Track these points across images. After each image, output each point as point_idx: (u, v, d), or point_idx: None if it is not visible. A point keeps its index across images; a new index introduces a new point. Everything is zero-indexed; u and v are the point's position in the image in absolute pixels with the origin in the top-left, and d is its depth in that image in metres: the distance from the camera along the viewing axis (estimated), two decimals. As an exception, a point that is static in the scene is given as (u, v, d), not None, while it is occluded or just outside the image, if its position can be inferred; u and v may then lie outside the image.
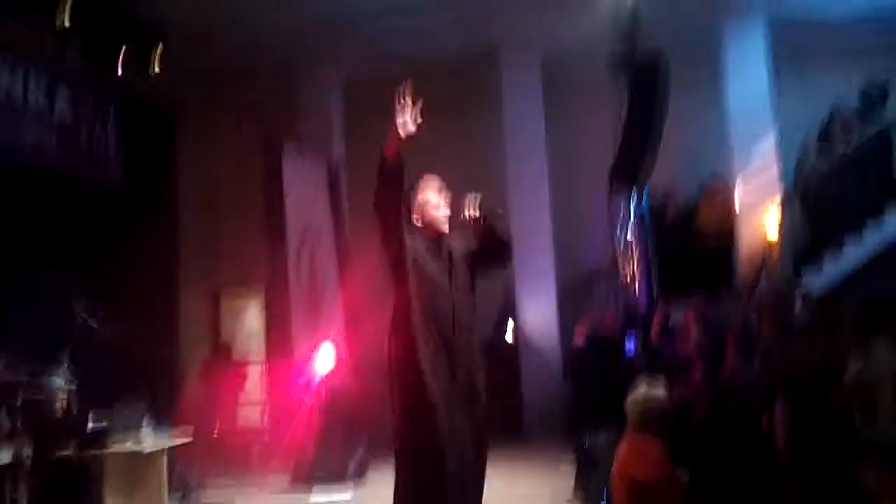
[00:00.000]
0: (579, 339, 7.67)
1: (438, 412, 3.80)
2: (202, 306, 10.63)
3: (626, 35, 8.64)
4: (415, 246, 3.98)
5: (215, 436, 8.32)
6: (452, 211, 4.07)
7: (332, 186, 10.27)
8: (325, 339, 8.21)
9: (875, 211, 8.32)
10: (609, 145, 8.86)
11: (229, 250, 10.53)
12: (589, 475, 5.85)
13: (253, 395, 9.49)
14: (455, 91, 10.13)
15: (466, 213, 4.00)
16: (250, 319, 10.59)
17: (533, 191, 9.43)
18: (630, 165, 8.47)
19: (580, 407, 6.95)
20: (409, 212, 4.07)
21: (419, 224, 4.06)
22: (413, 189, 4.10)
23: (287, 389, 8.06)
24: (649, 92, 8.44)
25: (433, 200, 4.09)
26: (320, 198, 10.07)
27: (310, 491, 7.10)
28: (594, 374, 7.00)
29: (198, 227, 10.03)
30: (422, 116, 3.79)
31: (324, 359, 8.07)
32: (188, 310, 9.54)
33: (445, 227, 4.07)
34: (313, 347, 8.15)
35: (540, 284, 9.57)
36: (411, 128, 3.75)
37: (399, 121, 3.75)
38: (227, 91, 10.21)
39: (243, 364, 9.79)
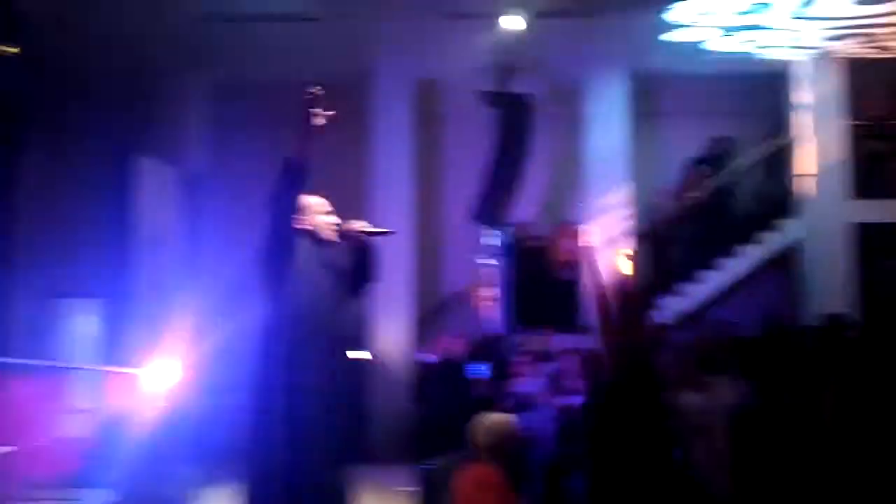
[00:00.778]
0: (428, 360, 7.69)
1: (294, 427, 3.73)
2: (37, 313, 9.96)
3: (500, 74, 8.92)
4: (300, 252, 3.88)
5: (38, 445, 7.74)
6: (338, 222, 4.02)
7: (189, 197, 9.94)
8: (169, 352, 7.83)
9: (714, 254, 8.93)
10: (475, 178, 9.05)
11: (71, 258, 9.93)
12: (432, 499, 5.83)
13: (84, 404, 8.91)
14: (328, 108, 10.03)
15: (354, 226, 3.94)
16: (86, 327, 10.00)
17: (397, 215, 9.44)
18: (494, 199, 8.70)
19: (426, 430, 6.94)
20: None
21: (305, 228, 3.95)
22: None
23: (121, 401, 7.62)
24: (517, 131, 8.74)
25: (321, 206, 4.01)
26: (174, 208, 9.72)
27: None
28: (441, 397, 7.01)
29: (38, 234, 9.43)
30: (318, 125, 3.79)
31: (164, 373, 7.67)
32: (21, 316, 8.93)
33: (333, 236, 3.98)
34: (154, 360, 7.76)
35: (398, 309, 9.55)
36: (321, 122, 3.72)
37: (310, 121, 3.71)
38: (80, 90, 9.68)
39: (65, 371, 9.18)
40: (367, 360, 9.61)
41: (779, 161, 9.57)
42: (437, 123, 10.72)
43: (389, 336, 9.41)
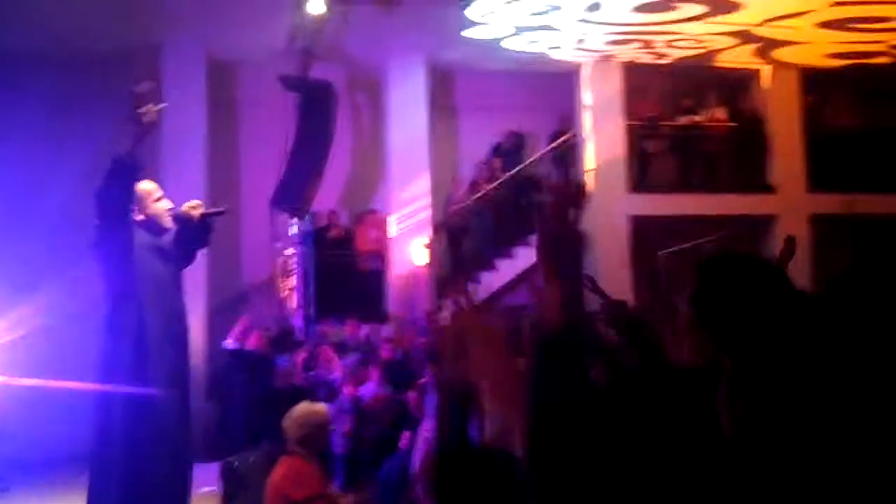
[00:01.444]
0: (228, 351, 7.43)
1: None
2: None
3: (301, 59, 8.74)
4: (138, 243, 3.79)
5: None
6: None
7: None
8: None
9: (508, 243, 9.32)
10: (274, 164, 8.82)
11: None
12: (238, 497, 5.64)
13: None
14: (114, 81, 9.36)
15: (188, 208, 3.94)
16: None
17: (188, 199, 8.99)
18: (294, 186, 8.53)
19: (226, 425, 6.71)
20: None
21: (140, 218, 3.86)
22: None
23: None
24: (318, 117, 8.61)
25: (155, 192, 3.92)
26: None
27: None
28: (243, 391, 6.81)
29: None
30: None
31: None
32: None
33: (169, 222, 3.92)
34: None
35: (190, 302, 9.11)
36: (152, 119, 3.60)
37: (140, 119, 3.60)
38: None
39: None
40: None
41: (567, 156, 10.13)
42: (232, 106, 10.34)
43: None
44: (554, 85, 10.06)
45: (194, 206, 4.00)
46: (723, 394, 1.44)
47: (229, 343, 7.43)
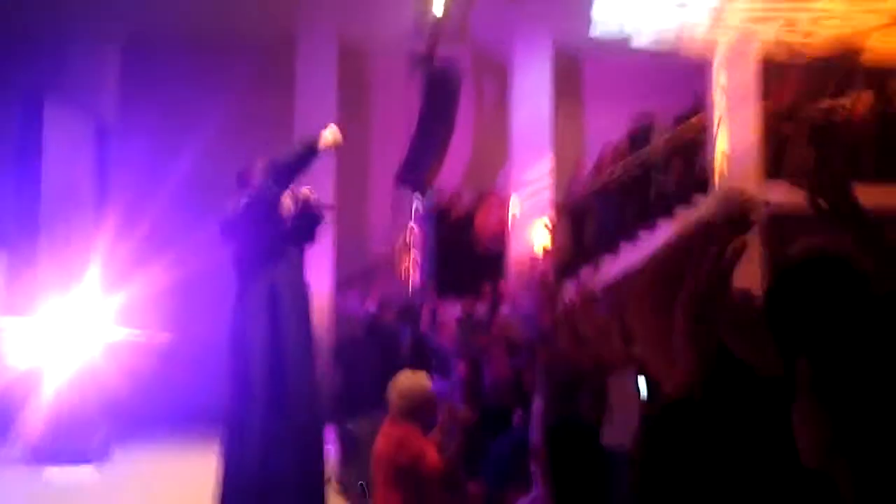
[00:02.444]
0: (353, 320, 7.69)
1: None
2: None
3: (428, 38, 8.87)
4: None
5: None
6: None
7: (100, 148, 9.61)
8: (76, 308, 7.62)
9: (632, 227, 9.15)
10: (400, 142, 9.01)
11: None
12: (352, 460, 5.86)
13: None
14: (249, 70, 9.84)
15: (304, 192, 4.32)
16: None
17: (319, 180, 9.32)
18: (418, 165, 8.68)
19: (348, 391, 6.94)
20: None
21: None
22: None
23: (33, 353, 7.38)
24: (444, 98, 8.72)
25: None
26: (84, 159, 9.37)
27: (47, 465, 6.55)
28: (365, 358, 7.02)
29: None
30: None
31: (77, 325, 7.48)
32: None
33: (291, 205, 4.29)
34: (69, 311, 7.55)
35: (317, 274, 9.48)
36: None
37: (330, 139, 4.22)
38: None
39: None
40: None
41: (697, 140, 9.84)
42: (362, 88, 10.62)
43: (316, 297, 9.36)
44: (685, 68, 9.77)
45: (307, 191, 4.27)
46: (803, 410, 1.18)
47: (366, 308, 7.70)
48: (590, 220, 9.71)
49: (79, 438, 6.81)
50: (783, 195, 9.58)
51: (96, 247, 8.75)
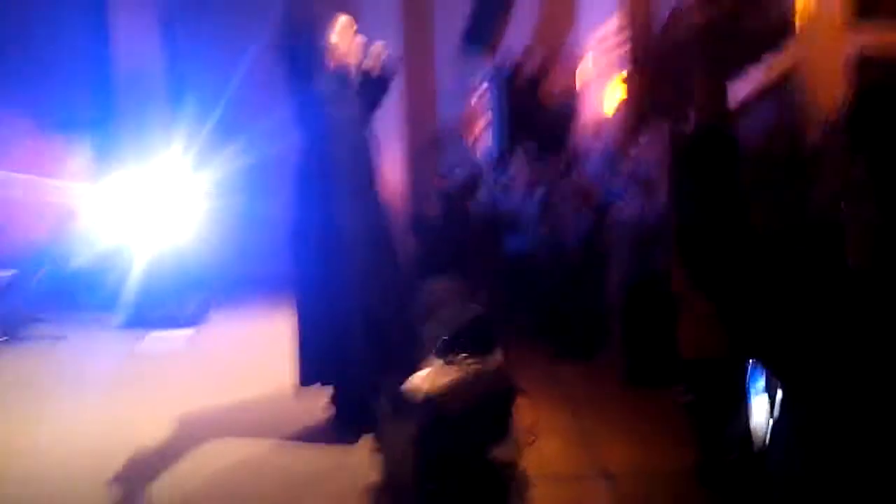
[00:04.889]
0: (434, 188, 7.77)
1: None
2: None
3: None
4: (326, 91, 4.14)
5: (42, 272, 7.93)
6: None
7: (167, 34, 9.67)
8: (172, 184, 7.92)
9: (719, 76, 8.71)
10: (464, 4, 8.75)
11: (50, 92, 9.71)
12: (431, 319, 6.04)
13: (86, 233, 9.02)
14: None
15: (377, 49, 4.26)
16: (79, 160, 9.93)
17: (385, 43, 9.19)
18: (483, 24, 8.44)
19: (425, 256, 7.10)
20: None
21: (339, 59, 4.19)
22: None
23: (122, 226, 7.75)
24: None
25: (350, 27, 4.26)
26: (154, 43, 9.46)
27: (146, 329, 6.98)
28: (439, 226, 7.14)
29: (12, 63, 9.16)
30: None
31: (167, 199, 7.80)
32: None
33: (359, 58, 4.26)
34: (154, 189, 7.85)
35: (388, 144, 9.50)
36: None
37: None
38: None
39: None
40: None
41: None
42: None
43: (383, 173, 9.42)
44: None
45: (378, 52, 4.13)
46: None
47: (438, 182, 7.76)
48: (668, 73, 9.34)
49: (175, 304, 7.20)
50: (874, 37, 8.99)
51: (174, 127, 8.97)
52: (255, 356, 6.11)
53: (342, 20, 4.17)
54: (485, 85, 8.78)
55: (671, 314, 4.52)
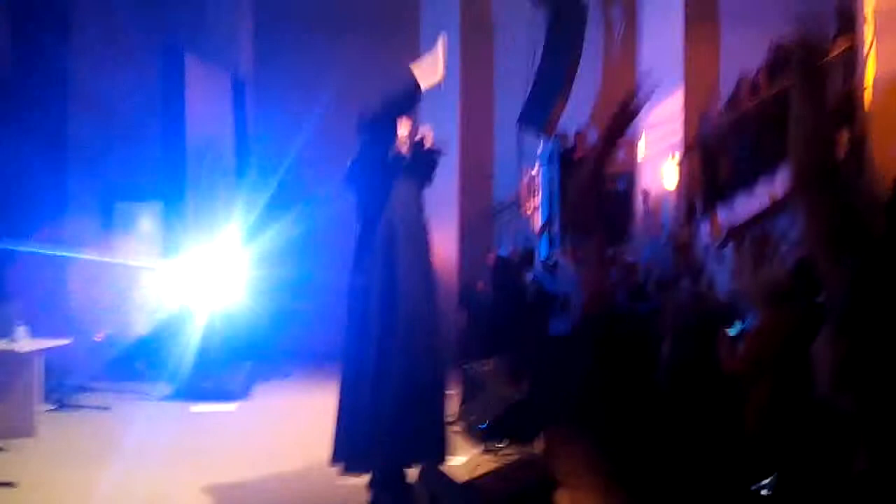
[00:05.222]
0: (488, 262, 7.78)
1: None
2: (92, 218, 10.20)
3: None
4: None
5: (98, 340, 8.10)
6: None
7: (237, 102, 9.97)
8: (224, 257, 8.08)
9: (768, 166, 8.66)
10: (524, 84, 8.88)
11: (124, 159, 10.08)
12: (472, 400, 5.96)
13: (144, 302, 9.22)
14: (373, 13, 9.92)
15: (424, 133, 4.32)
16: (145, 228, 10.21)
17: (443, 122, 9.36)
18: (540, 105, 8.54)
19: (473, 335, 7.05)
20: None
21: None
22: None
23: (182, 297, 7.90)
24: (568, 35, 8.49)
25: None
26: (224, 112, 9.76)
27: (193, 402, 7.02)
28: (491, 303, 7.10)
29: (89, 131, 9.54)
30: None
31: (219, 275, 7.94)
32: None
33: (410, 143, 4.33)
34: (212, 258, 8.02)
35: (443, 215, 9.59)
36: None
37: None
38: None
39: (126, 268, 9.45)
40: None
41: (840, 69, 9.13)
42: (486, 30, 10.48)
43: (436, 244, 9.50)
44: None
45: (427, 134, 4.25)
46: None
47: (491, 253, 7.77)
48: (724, 157, 9.27)
49: (223, 377, 7.25)
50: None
51: (239, 195, 9.19)
52: (299, 431, 6.09)
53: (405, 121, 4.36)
54: (540, 163, 8.84)
55: (723, 400, 4.36)
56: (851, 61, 8.95)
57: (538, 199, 8.87)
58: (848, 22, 9.05)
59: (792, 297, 4.92)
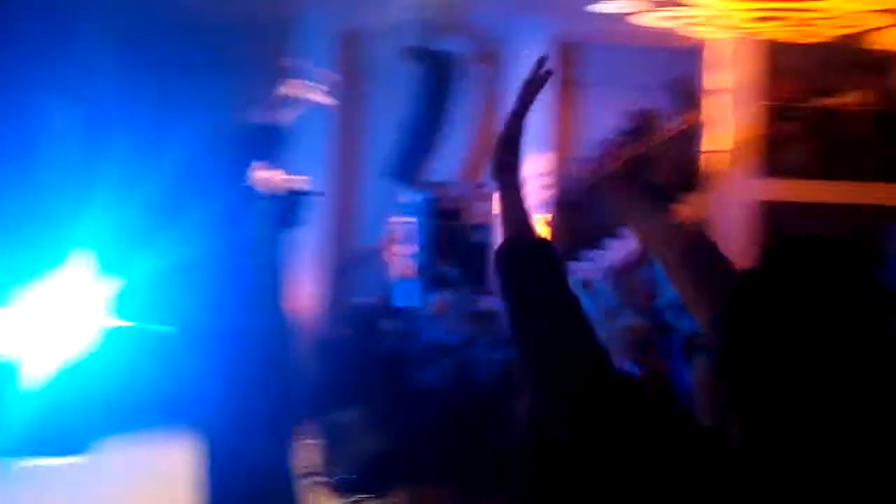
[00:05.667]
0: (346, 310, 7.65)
1: None
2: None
3: (425, 30, 8.77)
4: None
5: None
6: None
7: (95, 138, 9.57)
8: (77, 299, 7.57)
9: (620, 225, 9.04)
10: (395, 135, 8.92)
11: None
12: (334, 451, 5.80)
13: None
14: (243, 55, 9.74)
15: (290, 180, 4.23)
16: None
17: (312, 168, 9.21)
18: (411, 157, 8.61)
19: (332, 385, 6.89)
20: None
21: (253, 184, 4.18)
22: None
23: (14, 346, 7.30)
24: (439, 89, 8.64)
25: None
26: (79, 149, 9.33)
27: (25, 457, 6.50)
28: (350, 353, 6.97)
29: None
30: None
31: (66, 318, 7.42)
32: None
33: (271, 187, 4.21)
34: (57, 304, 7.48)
35: (308, 265, 9.41)
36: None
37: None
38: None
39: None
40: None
41: (691, 136, 9.75)
42: (358, 77, 10.51)
43: (300, 294, 9.27)
44: (686, 62, 9.68)
45: (295, 179, 4.21)
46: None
47: (351, 302, 7.65)
48: (583, 215, 9.63)
49: (63, 430, 6.75)
50: (781, 192, 9.54)
51: (89, 237, 8.68)
52: (150, 489, 5.73)
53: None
54: (406, 215, 8.86)
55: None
56: (696, 132, 9.61)
57: (404, 248, 8.87)
58: (692, 96, 9.75)
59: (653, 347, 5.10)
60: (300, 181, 4.28)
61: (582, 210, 9.60)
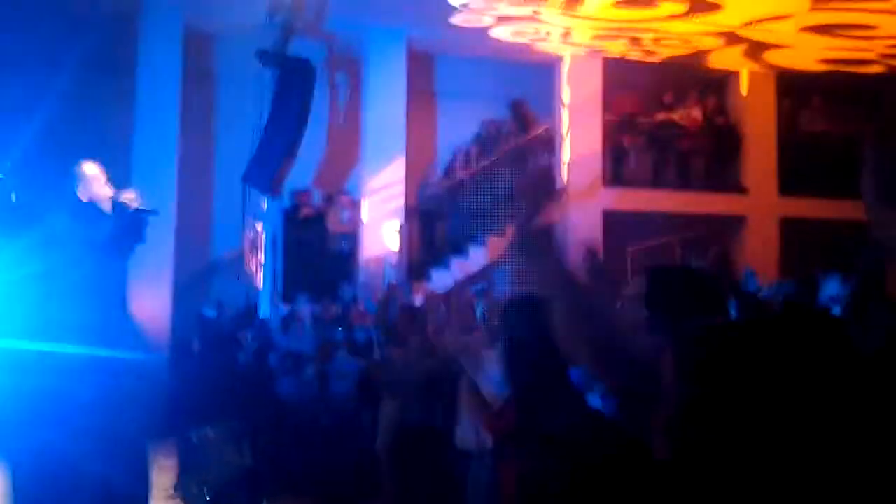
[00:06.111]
0: (200, 322, 7.38)
1: None
2: None
3: (281, 34, 8.58)
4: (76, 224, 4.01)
5: None
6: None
7: None
8: None
9: (481, 232, 9.28)
10: (249, 136, 8.70)
11: None
12: (192, 471, 5.59)
13: None
14: (87, 50, 9.18)
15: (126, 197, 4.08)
16: None
17: (159, 173, 8.80)
18: (267, 164, 8.42)
19: (186, 400, 6.63)
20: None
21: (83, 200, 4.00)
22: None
23: None
24: (295, 95, 8.48)
25: (99, 177, 4.10)
26: None
27: None
28: (207, 365, 6.74)
29: None
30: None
31: None
32: None
33: (108, 207, 4.05)
34: None
35: (155, 274, 8.98)
36: None
37: None
38: None
39: None
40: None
41: (543, 147, 10.12)
42: (208, 79, 10.17)
43: (148, 305, 8.83)
44: (536, 75, 10.03)
45: (131, 198, 4.05)
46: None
47: (205, 313, 7.37)
48: (439, 223, 9.79)
49: None
50: (620, 201, 10.08)
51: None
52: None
53: (92, 171, 4.06)
54: (262, 222, 8.67)
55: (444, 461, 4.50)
56: (551, 141, 10.00)
57: (261, 256, 8.67)
58: (528, 117, 10.13)
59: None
60: (129, 197, 4.10)
61: (437, 218, 9.77)
